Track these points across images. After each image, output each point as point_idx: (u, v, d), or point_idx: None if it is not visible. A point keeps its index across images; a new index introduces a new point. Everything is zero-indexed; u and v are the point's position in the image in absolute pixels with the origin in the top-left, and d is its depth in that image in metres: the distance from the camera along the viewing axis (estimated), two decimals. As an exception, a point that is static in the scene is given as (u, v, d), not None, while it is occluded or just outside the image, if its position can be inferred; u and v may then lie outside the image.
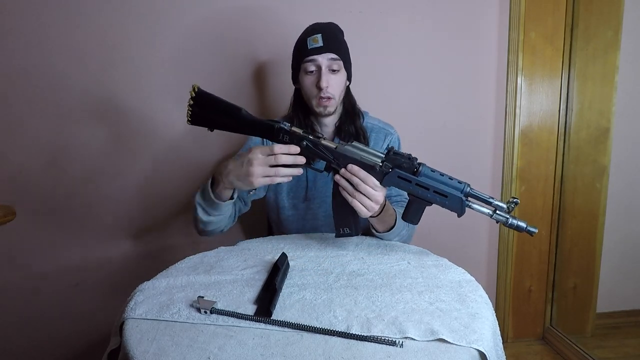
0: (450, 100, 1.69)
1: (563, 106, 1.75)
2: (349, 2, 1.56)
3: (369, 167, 0.91)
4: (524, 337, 1.88)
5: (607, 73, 1.71)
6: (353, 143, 0.92)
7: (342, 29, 1.19)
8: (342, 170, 0.91)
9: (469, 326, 0.69)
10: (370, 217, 0.99)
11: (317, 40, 1.09)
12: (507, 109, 1.73)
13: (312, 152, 0.92)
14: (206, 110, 0.93)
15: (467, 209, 0.90)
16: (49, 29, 1.42)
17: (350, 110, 1.20)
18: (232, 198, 1.03)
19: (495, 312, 0.79)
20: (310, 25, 1.16)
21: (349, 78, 1.18)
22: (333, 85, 1.11)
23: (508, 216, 0.89)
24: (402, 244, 1.07)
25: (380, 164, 0.90)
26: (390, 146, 0.94)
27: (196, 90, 0.93)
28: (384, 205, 0.98)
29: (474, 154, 1.76)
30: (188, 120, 0.94)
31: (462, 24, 1.65)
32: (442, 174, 0.90)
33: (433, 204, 0.91)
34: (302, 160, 0.92)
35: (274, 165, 0.91)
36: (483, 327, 0.69)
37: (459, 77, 1.68)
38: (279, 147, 0.91)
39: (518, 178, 1.75)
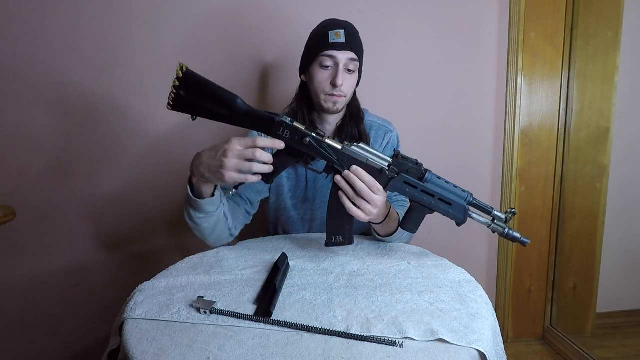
0: (451, 100, 1.69)
1: (563, 106, 1.75)
2: (349, 2, 1.56)
3: (374, 171, 0.85)
4: (524, 337, 1.88)
5: (607, 73, 1.71)
6: (359, 144, 0.86)
7: None
8: (346, 172, 0.84)
9: (469, 326, 0.68)
10: (375, 223, 0.97)
11: (340, 36, 1.04)
12: (507, 109, 1.73)
13: (314, 150, 0.84)
14: (194, 95, 0.81)
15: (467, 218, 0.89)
16: (50, 29, 1.42)
17: (355, 112, 1.16)
18: (213, 195, 0.92)
19: (495, 312, 0.79)
20: (330, 19, 1.11)
21: (357, 82, 1.16)
22: (347, 85, 1.08)
23: (505, 226, 0.89)
24: (402, 244, 1.07)
25: (387, 168, 0.86)
26: (397, 150, 0.90)
27: (184, 70, 0.80)
28: (389, 213, 0.95)
29: (474, 154, 1.76)
30: (169, 104, 0.82)
31: (462, 24, 1.65)
32: (447, 182, 0.87)
33: (433, 212, 0.89)
34: (284, 161, 0.85)
35: (251, 160, 0.82)
36: (483, 327, 0.69)
37: (459, 77, 1.68)
38: (262, 140, 0.81)
39: (518, 178, 1.75)
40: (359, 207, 0.86)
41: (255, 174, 0.83)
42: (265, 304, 0.75)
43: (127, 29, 1.46)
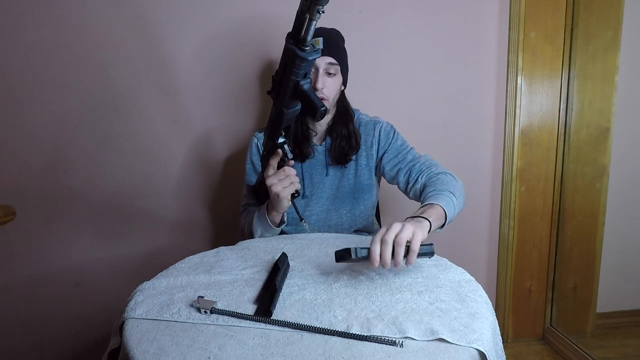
0: (451, 100, 1.69)
1: (563, 106, 1.75)
2: (349, 2, 1.56)
3: None
4: (524, 337, 1.88)
5: (607, 73, 1.71)
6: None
7: (342, 29, 1.22)
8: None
9: (468, 326, 0.68)
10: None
11: (318, 43, 1.13)
12: (507, 109, 1.73)
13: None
14: None
15: None
16: (50, 29, 1.42)
17: (343, 112, 1.23)
18: (283, 222, 1.13)
19: (495, 312, 0.79)
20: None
21: (344, 83, 1.23)
22: (328, 87, 1.16)
23: None
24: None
25: None
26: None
27: None
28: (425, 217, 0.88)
29: (474, 154, 1.76)
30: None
31: (462, 24, 1.65)
32: None
33: None
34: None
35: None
36: (483, 326, 0.69)
37: (459, 76, 1.68)
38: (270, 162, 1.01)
39: (518, 178, 1.75)
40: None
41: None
42: (265, 303, 0.75)
43: (128, 29, 1.46)
